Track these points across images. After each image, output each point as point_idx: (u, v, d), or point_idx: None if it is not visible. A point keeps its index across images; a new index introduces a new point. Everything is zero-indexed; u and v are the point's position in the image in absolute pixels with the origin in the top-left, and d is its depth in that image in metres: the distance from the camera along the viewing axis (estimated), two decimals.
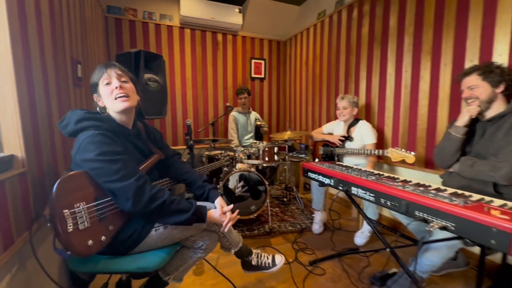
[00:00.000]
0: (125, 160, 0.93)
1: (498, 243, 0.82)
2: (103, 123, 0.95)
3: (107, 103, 1.03)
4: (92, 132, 0.90)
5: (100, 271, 0.93)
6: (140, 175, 0.94)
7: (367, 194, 1.31)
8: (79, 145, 0.88)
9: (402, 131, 2.21)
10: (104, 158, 0.88)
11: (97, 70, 1.04)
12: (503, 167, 1.24)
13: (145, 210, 0.92)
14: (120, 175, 0.89)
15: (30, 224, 0.98)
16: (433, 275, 1.64)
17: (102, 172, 0.88)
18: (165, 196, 0.96)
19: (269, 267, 1.39)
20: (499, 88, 1.33)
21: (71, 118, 0.94)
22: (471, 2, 1.70)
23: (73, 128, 0.92)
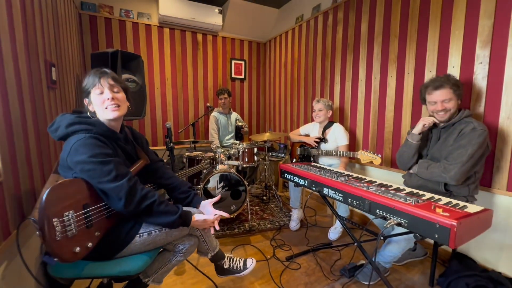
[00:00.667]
0: (117, 161, 0.97)
1: (440, 237, 0.97)
2: (94, 127, 0.98)
3: (98, 110, 1.06)
4: (83, 135, 0.93)
5: (83, 276, 0.96)
6: (131, 175, 0.98)
7: (336, 194, 1.43)
8: (70, 147, 0.91)
9: (372, 133, 2.38)
10: (97, 160, 0.91)
11: (91, 77, 1.06)
12: (452, 169, 1.41)
13: (136, 210, 0.96)
14: (112, 176, 0.93)
15: (8, 233, 0.98)
16: (395, 265, 1.82)
17: (95, 173, 0.92)
18: (155, 197, 1.02)
19: (240, 271, 1.43)
20: (459, 101, 1.51)
21: (61, 122, 0.96)
22: (431, 17, 1.88)
23: (64, 131, 0.94)
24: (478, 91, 1.64)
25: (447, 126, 1.53)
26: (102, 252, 0.99)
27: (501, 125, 1.55)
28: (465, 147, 1.40)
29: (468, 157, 1.38)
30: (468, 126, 1.43)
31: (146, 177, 1.28)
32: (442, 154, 1.53)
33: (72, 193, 0.92)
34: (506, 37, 1.51)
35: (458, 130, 1.48)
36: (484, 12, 1.60)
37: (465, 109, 1.53)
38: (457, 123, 1.50)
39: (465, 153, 1.39)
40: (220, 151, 2.53)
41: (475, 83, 1.65)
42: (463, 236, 0.96)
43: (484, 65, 1.61)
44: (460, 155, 1.41)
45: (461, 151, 1.41)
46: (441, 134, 1.58)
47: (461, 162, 1.39)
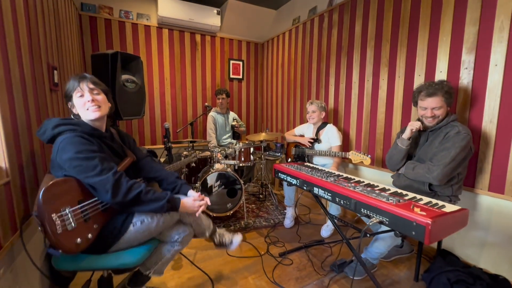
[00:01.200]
0: (101, 157, 1.04)
1: (417, 234, 1.04)
2: (79, 127, 1.05)
3: (81, 112, 1.13)
4: (69, 134, 1.00)
5: (85, 268, 1.04)
6: (116, 169, 1.05)
7: (325, 193, 1.51)
8: (58, 147, 0.98)
9: (364, 134, 2.46)
10: (82, 156, 0.98)
11: (71, 82, 1.14)
12: (435, 170, 1.49)
13: (123, 200, 1.03)
14: (98, 170, 1.00)
15: (15, 229, 1.05)
16: (383, 261, 1.90)
17: (81, 168, 0.99)
18: (141, 187, 1.08)
19: (228, 245, 1.58)
20: (449, 107, 1.58)
21: (48, 125, 1.03)
22: (420, 23, 1.94)
23: (50, 133, 1.01)
24: (464, 96, 1.71)
25: (434, 129, 1.60)
26: (102, 244, 1.07)
27: (484, 129, 1.62)
28: (449, 150, 1.47)
29: (451, 159, 1.46)
30: (453, 129, 1.50)
31: (136, 174, 1.35)
32: (428, 155, 1.60)
33: (66, 190, 0.99)
34: (490, 44, 1.57)
35: (444, 133, 1.55)
36: (470, 20, 1.66)
37: (452, 113, 1.60)
38: (444, 126, 1.57)
39: (448, 155, 1.47)
40: (217, 151, 2.60)
41: (461, 87, 1.72)
42: (437, 234, 1.03)
43: (469, 71, 1.68)
44: (443, 157, 1.48)
45: (445, 153, 1.48)
46: (428, 136, 1.65)
47: (444, 163, 1.47)
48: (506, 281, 1.54)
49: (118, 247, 1.09)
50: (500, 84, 1.54)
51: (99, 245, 1.06)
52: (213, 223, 1.55)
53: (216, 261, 1.89)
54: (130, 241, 1.12)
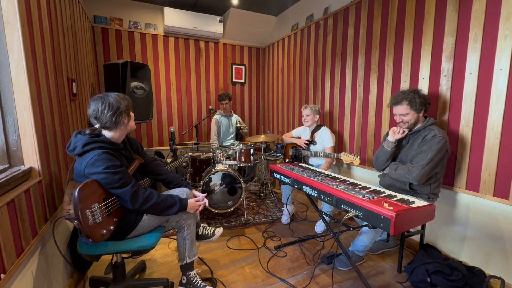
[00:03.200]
0: (124, 171, 1.25)
1: (384, 226, 1.20)
2: (104, 144, 1.25)
3: (122, 131, 1.35)
4: (97, 151, 1.20)
5: (111, 251, 1.28)
6: (134, 182, 1.26)
7: (313, 191, 1.68)
8: (88, 162, 1.18)
9: (357, 136, 2.60)
10: (109, 171, 1.19)
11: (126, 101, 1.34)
12: (414, 171, 1.63)
13: (141, 208, 1.27)
14: (120, 183, 1.21)
15: (46, 220, 1.27)
16: (371, 254, 2.05)
17: (108, 181, 1.20)
18: (154, 198, 1.31)
19: (210, 236, 1.83)
20: (421, 113, 1.72)
21: (77, 143, 1.23)
22: (405, 32, 2.08)
23: (80, 150, 1.21)
24: (443, 101, 1.85)
25: (414, 132, 1.75)
26: (121, 232, 1.29)
27: (461, 132, 1.76)
28: (426, 152, 1.61)
29: (428, 161, 1.60)
30: (430, 133, 1.65)
31: (145, 174, 1.62)
32: (408, 157, 1.75)
33: (94, 190, 1.20)
34: (465, 54, 1.70)
35: (422, 136, 1.69)
36: (448, 31, 1.79)
37: (430, 117, 1.73)
38: (423, 130, 1.71)
39: (426, 157, 1.61)
40: (219, 152, 2.79)
41: (441, 93, 1.86)
42: (402, 225, 1.19)
43: (448, 78, 1.81)
44: (421, 159, 1.62)
45: (422, 156, 1.62)
46: (409, 139, 1.80)
47: (422, 165, 1.61)
48: (481, 272, 1.67)
49: (134, 234, 1.32)
50: (474, 91, 1.67)
51: (118, 234, 1.27)
52: (199, 221, 1.83)
53: (217, 253, 2.08)
54: (144, 228, 1.35)
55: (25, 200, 1.10)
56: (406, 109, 1.71)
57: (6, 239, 0.93)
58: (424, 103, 1.72)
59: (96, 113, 1.25)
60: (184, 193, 1.52)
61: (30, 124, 1.21)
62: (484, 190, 1.66)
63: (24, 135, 1.20)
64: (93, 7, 3.15)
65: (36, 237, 1.16)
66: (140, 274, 1.81)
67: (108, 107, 1.25)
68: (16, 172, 1.11)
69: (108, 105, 1.25)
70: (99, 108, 1.24)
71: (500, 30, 1.54)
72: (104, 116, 1.25)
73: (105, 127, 1.28)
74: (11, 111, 1.17)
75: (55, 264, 1.41)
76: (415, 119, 1.73)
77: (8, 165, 1.18)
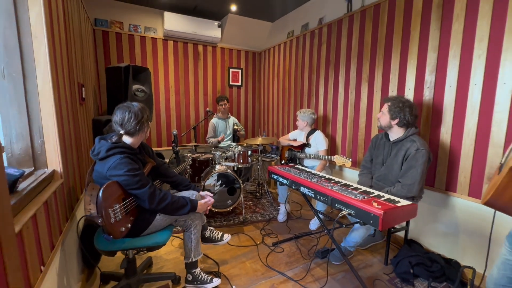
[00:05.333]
0: (142, 173, 1.37)
1: (374, 223, 1.37)
2: (124, 149, 1.36)
3: (141, 137, 1.48)
4: (119, 156, 1.32)
5: (128, 247, 1.40)
6: (151, 184, 1.38)
7: (309, 191, 1.83)
8: (110, 165, 1.29)
9: (349, 139, 2.79)
10: (130, 174, 1.30)
11: (145, 111, 1.46)
12: (413, 187, 1.75)
13: (157, 208, 1.39)
14: (139, 184, 1.33)
15: (66, 220, 1.37)
16: (361, 249, 2.24)
17: (128, 182, 1.31)
18: (169, 198, 1.43)
19: (218, 241, 1.95)
20: (394, 121, 1.87)
21: (101, 148, 1.34)
22: (393, 46, 2.27)
23: (104, 155, 1.32)
24: (427, 110, 2.04)
25: (396, 141, 1.90)
26: (136, 230, 1.41)
27: (441, 138, 1.96)
28: (416, 168, 1.75)
29: (420, 174, 1.74)
30: (413, 146, 1.77)
31: (156, 177, 1.75)
32: (394, 168, 1.89)
33: (114, 191, 1.31)
34: (446, 68, 1.90)
35: (405, 147, 1.83)
36: (431, 47, 1.99)
37: (412, 127, 1.87)
38: (404, 140, 1.86)
39: (417, 172, 1.75)
40: (219, 154, 2.92)
41: (424, 103, 2.05)
42: (389, 222, 1.36)
43: (430, 90, 2.01)
44: (414, 175, 1.75)
45: (413, 171, 1.76)
46: (392, 148, 1.94)
47: (417, 180, 1.75)
48: (457, 263, 1.88)
49: (147, 232, 1.44)
50: (453, 102, 1.87)
51: (133, 232, 1.39)
52: (206, 223, 1.93)
53: (219, 249, 2.21)
54: (156, 226, 1.47)
55: (54, 200, 1.20)
56: (385, 108, 1.90)
57: (43, 235, 1.04)
58: (400, 114, 1.82)
59: (123, 121, 1.36)
60: (193, 195, 1.65)
61: (54, 130, 1.31)
62: (461, 191, 1.87)
63: (48, 140, 1.30)
64: (94, 10, 3.20)
65: (62, 235, 1.26)
66: (147, 269, 1.92)
67: (134, 116, 1.36)
68: (44, 175, 1.21)
69: (134, 114, 1.37)
70: (126, 116, 1.36)
71: (475, 49, 1.74)
72: (130, 123, 1.36)
73: (129, 133, 1.40)
74: (37, 118, 1.27)
75: (71, 260, 1.51)
76: (386, 123, 1.90)
77: (34, 168, 1.28)
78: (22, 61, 1.20)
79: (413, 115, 1.83)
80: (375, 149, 2.10)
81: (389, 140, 1.97)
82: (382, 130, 2.02)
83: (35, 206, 0.98)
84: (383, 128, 1.95)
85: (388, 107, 1.88)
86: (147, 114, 1.46)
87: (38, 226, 1.00)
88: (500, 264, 1.06)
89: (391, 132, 1.93)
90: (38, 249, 0.99)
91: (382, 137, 2.04)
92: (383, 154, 2.01)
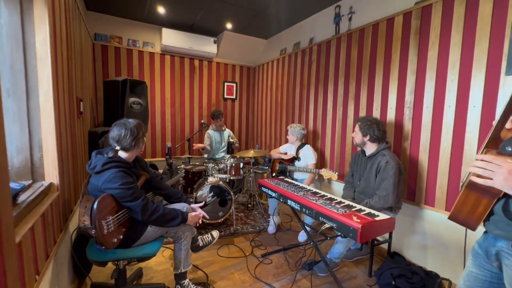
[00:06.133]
0: (135, 187, 1.44)
1: (353, 235, 1.46)
2: (120, 163, 1.45)
3: (136, 152, 1.56)
4: (114, 169, 1.40)
5: (119, 258, 1.45)
6: (144, 196, 1.45)
7: (296, 205, 1.92)
8: (105, 178, 1.37)
9: (337, 153, 2.90)
10: (124, 187, 1.38)
11: (142, 128, 1.55)
12: (389, 198, 1.88)
13: (149, 219, 1.46)
14: (133, 197, 1.40)
15: (60, 230, 1.43)
16: (347, 261, 2.31)
17: (122, 195, 1.39)
18: (161, 210, 1.50)
19: (211, 242, 2.03)
20: (366, 138, 2.03)
21: (97, 162, 1.42)
22: (377, 67, 2.42)
23: (100, 169, 1.40)
24: (407, 129, 2.18)
25: (370, 156, 2.05)
26: (127, 241, 1.47)
27: (420, 156, 2.08)
28: (387, 179, 1.89)
29: (393, 185, 1.88)
30: (383, 160, 1.93)
31: (150, 189, 1.82)
32: (371, 181, 2.02)
33: (108, 204, 1.39)
34: (423, 91, 2.05)
35: (377, 161, 1.98)
36: (410, 70, 2.14)
37: (383, 143, 2.02)
38: (377, 154, 2.01)
39: (389, 183, 1.88)
40: (211, 166, 3.00)
41: (404, 122, 2.19)
42: (367, 235, 1.45)
43: (410, 109, 2.15)
44: (387, 186, 1.88)
45: (386, 183, 1.89)
46: (367, 162, 2.09)
47: (390, 191, 1.87)
48: (437, 275, 1.97)
49: (138, 243, 1.50)
50: (430, 122, 2.01)
51: (125, 243, 1.45)
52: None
53: (208, 260, 2.26)
54: (147, 238, 1.53)
55: (50, 212, 1.27)
56: (357, 127, 2.08)
57: (39, 245, 1.10)
58: (371, 131, 2.00)
59: (119, 137, 1.45)
60: (184, 208, 1.72)
61: (53, 145, 1.39)
62: (438, 205, 1.98)
63: (46, 154, 1.38)
64: (95, 25, 3.33)
65: (56, 245, 1.32)
66: (137, 280, 1.96)
67: (130, 133, 1.45)
68: (42, 188, 1.28)
69: (130, 131, 1.46)
70: (123, 133, 1.45)
71: (449, 74, 1.89)
72: (126, 140, 1.45)
73: (124, 149, 1.48)
74: (37, 134, 1.35)
75: (63, 270, 1.55)
76: (360, 140, 2.08)
77: (32, 181, 1.35)
78: (27, 81, 1.30)
79: (381, 130, 2.01)
80: (355, 165, 2.23)
81: (365, 156, 2.11)
82: (359, 148, 2.17)
83: (33, 218, 1.05)
84: (358, 145, 2.10)
85: (359, 126, 2.06)
86: (142, 131, 1.55)
87: (35, 237, 1.06)
88: (465, 276, 1.15)
89: (366, 148, 2.08)
90: (34, 259, 1.05)
91: (360, 153, 2.18)
92: (361, 169, 2.14)
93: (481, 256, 1.06)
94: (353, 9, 2.68)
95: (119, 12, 3.36)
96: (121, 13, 3.39)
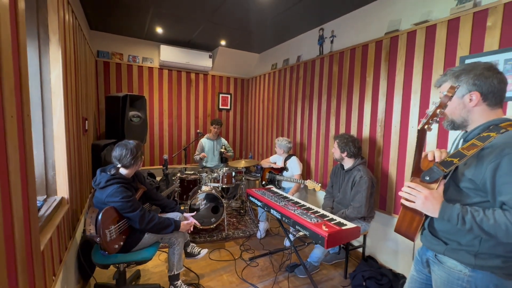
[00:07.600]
0: (134, 199, 1.68)
1: (321, 242, 1.70)
2: (120, 179, 1.69)
3: (134, 169, 1.79)
4: (116, 185, 1.64)
5: (120, 261, 1.68)
6: (141, 207, 1.69)
7: (277, 214, 2.16)
8: (108, 193, 1.61)
9: (320, 165, 3.15)
10: (125, 200, 1.62)
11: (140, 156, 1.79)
12: (362, 209, 2.13)
13: (146, 227, 1.70)
14: (132, 208, 1.64)
15: (70, 238, 1.67)
16: (327, 264, 2.54)
17: (123, 207, 1.63)
18: (156, 219, 1.74)
19: (196, 255, 2.24)
20: (344, 154, 2.28)
21: (101, 179, 1.66)
22: (354, 87, 2.67)
23: (104, 185, 1.64)
24: (379, 145, 2.42)
25: (347, 170, 2.30)
26: (127, 246, 1.70)
27: (390, 170, 2.32)
28: (361, 192, 2.14)
29: (365, 198, 2.13)
30: (358, 174, 2.18)
31: (147, 200, 2.05)
32: (347, 192, 2.27)
33: (111, 214, 1.63)
34: (391, 113, 2.30)
35: (353, 175, 2.23)
36: (381, 92, 2.39)
37: (358, 158, 2.28)
38: (353, 169, 2.26)
39: (362, 196, 2.13)
40: (205, 175, 3.24)
41: (377, 139, 2.44)
42: (333, 242, 1.69)
43: (381, 128, 2.39)
44: (360, 199, 2.13)
45: (359, 196, 2.14)
46: (345, 176, 2.34)
47: (363, 203, 2.13)
48: (404, 277, 2.20)
49: (137, 248, 1.73)
50: (397, 140, 2.25)
51: (125, 248, 1.69)
52: (189, 240, 2.24)
53: (201, 263, 2.49)
54: (145, 244, 1.77)
55: (62, 222, 1.51)
56: (336, 144, 2.34)
57: (55, 251, 1.34)
58: (346, 147, 2.26)
59: (120, 156, 1.70)
60: (177, 217, 1.96)
61: (64, 164, 1.63)
62: None
63: (59, 172, 1.62)
64: (97, 43, 3.58)
65: (67, 251, 1.56)
66: (136, 281, 2.19)
67: (130, 152, 1.70)
68: (55, 202, 1.52)
69: (130, 151, 1.70)
70: (123, 152, 1.70)
71: (412, 99, 2.14)
72: (126, 159, 1.70)
73: (124, 166, 1.73)
74: (51, 155, 1.59)
75: (70, 272, 1.79)
76: (338, 156, 2.34)
77: (46, 196, 1.59)
78: (43, 112, 1.54)
79: (357, 147, 2.28)
80: (334, 176, 2.48)
81: (343, 169, 2.35)
82: (338, 162, 2.42)
83: (51, 229, 1.29)
84: (337, 160, 2.35)
85: (337, 143, 2.31)
86: (141, 151, 1.79)
87: (52, 245, 1.30)
88: (409, 278, 1.38)
89: (344, 163, 2.32)
90: (52, 263, 1.29)
91: (339, 166, 2.42)
92: (339, 181, 2.38)
93: (419, 262, 1.29)
94: (335, 32, 2.93)
95: (120, 31, 3.61)
96: (122, 32, 3.64)
